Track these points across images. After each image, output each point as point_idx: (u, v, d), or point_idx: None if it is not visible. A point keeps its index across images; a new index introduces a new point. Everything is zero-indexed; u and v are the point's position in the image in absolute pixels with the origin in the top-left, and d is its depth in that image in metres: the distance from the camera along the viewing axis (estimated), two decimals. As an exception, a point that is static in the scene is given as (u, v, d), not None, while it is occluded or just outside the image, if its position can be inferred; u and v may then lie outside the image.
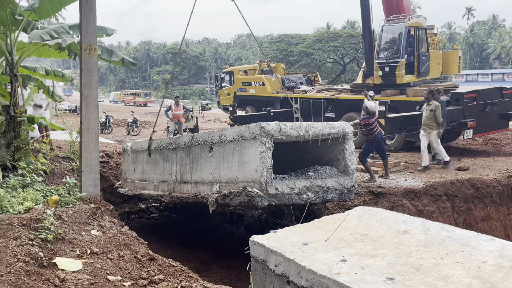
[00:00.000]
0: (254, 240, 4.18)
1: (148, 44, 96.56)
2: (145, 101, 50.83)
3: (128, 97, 54.40)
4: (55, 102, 9.73)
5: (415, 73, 13.81)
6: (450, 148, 12.97)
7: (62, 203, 5.86)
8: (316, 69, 44.48)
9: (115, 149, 11.66)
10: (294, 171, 6.92)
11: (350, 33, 47.23)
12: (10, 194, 5.61)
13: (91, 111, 6.70)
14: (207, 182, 6.95)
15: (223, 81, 21.78)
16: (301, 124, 6.44)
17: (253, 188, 5.94)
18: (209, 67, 79.66)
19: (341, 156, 6.98)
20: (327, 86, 18.25)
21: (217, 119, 32.55)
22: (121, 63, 7.96)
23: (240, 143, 6.24)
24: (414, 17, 14.19)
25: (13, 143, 6.92)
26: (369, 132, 9.21)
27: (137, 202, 11.21)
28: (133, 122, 23.82)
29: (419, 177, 9.37)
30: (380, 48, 14.07)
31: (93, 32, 6.49)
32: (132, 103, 51.83)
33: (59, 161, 8.50)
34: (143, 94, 50.69)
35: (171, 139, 8.27)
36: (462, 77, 37.72)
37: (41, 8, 6.55)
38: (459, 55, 15.13)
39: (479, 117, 11.60)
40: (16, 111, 6.97)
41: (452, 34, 74.63)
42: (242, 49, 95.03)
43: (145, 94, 51.02)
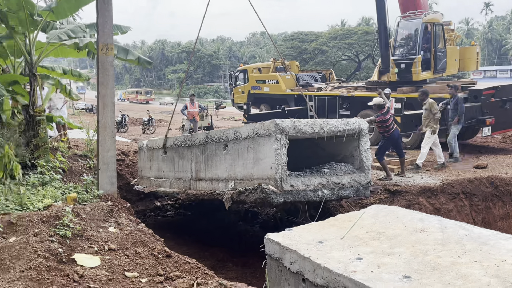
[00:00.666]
0: (269, 237, 4.19)
1: (163, 43, 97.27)
2: (146, 98, 53.56)
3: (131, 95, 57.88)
4: (73, 100, 9.88)
5: (431, 70, 13.62)
6: (468, 145, 12.77)
7: (80, 201, 5.97)
8: (330, 66, 44.19)
9: (131, 148, 11.80)
10: (309, 168, 6.90)
11: (365, 30, 46.78)
12: (30, 192, 5.73)
13: (107, 109, 6.80)
14: (222, 179, 6.98)
15: (237, 79, 21.80)
16: (316, 120, 6.42)
17: (268, 185, 5.95)
18: (223, 66, 79.87)
19: (357, 152, 6.94)
20: (342, 83, 18.12)
21: (231, 117, 32.62)
22: (137, 62, 8.05)
23: (255, 140, 6.25)
24: (430, 13, 13.98)
25: (33, 142, 7.06)
26: (385, 130, 9.12)
27: (153, 200, 11.32)
28: (149, 121, 24.03)
29: (435, 175, 9.25)
30: (395, 45, 13.91)
31: (109, 31, 6.57)
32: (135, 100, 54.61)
33: (76, 159, 8.64)
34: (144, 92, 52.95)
35: (186, 136, 8.33)
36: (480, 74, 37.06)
37: (59, 8, 6.66)
38: (477, 51, 14.87)
39: (498, 114, 11.39)
40: (35, 110, 7.11)
41: (470, 30, 73.35)
42: (256, 47, 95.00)
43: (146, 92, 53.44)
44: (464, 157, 10.99)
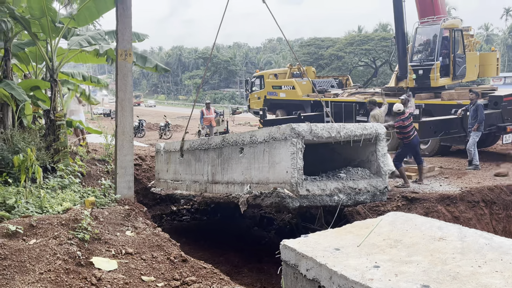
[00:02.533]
0: (285, 244, 4.18)
1: (180, 49, 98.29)
2: (135, 101, 61.99)
3: None
4: (92, 104, 10.05)
5: (450, 76, 13.44)
6: (488, 153, 12.53)
7: (98, 204, 6.05)
8: (347, 72, 43.98)
9: (148, 152, 11.92)
10: (325, 172, 6.87)
11: (382, 36, 46.47)
12: (50, 195, 5.84)
13: (126, 114, 6.89)
14: (238, 182, 7.00)
15: (253, 85, 21.88)
16: (333, 125, 6.38)
17: (284, 189, 5.94)
18: (239, 72, 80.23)
19: (374, 157, 6.89)
20: (359, 89, 18.01)
21: (247, 123, 32.71)
22: (155, 70, 8.16)
23: (270, 144, 6.25)
24: (449, 19, 13.83)
25: (53, 146, 7.20)
26: (404, 136, 9.02)
27: (169, 204, 11.40)
28: (165, 126, 24.27)
29: (454, 182, 9.10)
30: (414, 51, 13.78)
31: (129, 38, 6.68)
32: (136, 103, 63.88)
33: (94, 163, 8.77)
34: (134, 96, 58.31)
35: (202, 140, 8.40)
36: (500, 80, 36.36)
37: (80, 16, 6.81)
38: (497, 57, 14.62)
39: (519, 121, 11.17)
40: (55, 115, 7.25)
41: (490, 36, 72.18)
42: (272, 53, 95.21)
43: (135, 96, 61.57)
44: (484, 164, 10.79)
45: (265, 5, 8.27)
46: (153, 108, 63.10)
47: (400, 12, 13.68)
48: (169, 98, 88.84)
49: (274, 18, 8.37)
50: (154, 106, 67.90)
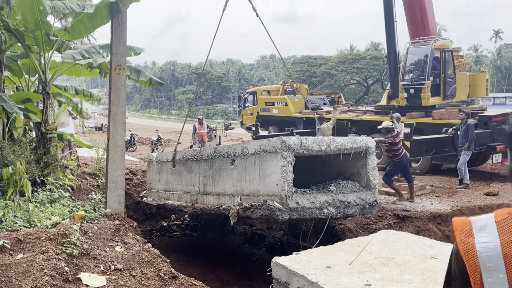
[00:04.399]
0: (277, 261, 4.14)
1: (173, 64, 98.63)
2: None
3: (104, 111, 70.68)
4: (83, 119, 9.99)
5: (441, 96, 13.61)
6: (478, 172, 12.64)
7: (88, 219, 5.97)
8: (339, 90, 44.39)
9: (139, 167, 11.84)
10: (316, 185, 6.90)
11: (374, 55, 47.10)
12: (39, 209, 5.75)
13: (118, 128, 6.87)
14: (229, 194, 7.00)
15: (246, 101, 21.96)
16: (323, 138, 6.46)
17: (274, 201, 5.96)
18: (232, 88, 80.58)
19: (363, 170, 6.96)
20: (351, 107, 18.16)
21: (239, 138, 32.73)
22: (149, 83, 8.16)
23: (261, 157, 6.28)
24: (440, 39, 14.08)
25: (43, 159, 7.13)
26: (395, 154, 9.08)
27: (159, 219, 11.28)
28: (157, 140, 24.17)
29: (445, 201, 9.14)
30: (405, 70, 13.97)
31: (123, 52, 6.70)
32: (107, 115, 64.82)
33: (85, 177, 8.68)
34: None
35: (195, 150, 8.43)
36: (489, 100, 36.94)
37: (74, 29, 6.82)
38: (486, 78, 14.88)
39: (509, 141, 11.30)
40: (47, 128, 7.19)
41: (479, 57, 73.53)
42: (265, 70, 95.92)
43: None
44: (475, 183, 10.87)
45: (259, 19, 8.36)
46: (145, 123, 63.07)
47: (392, 32, 13.91)
48: (161, 112, 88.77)
49: (268, 33, 8.47)
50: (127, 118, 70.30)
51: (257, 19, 8.36)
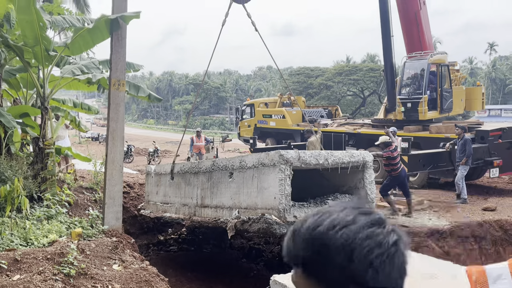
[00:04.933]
0: (275, 279, 4.11)
1: (170, 75, 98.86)
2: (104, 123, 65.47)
3: (97, 120, 71.85)
4: (81, 132, 9.97)
5: (438, 109, 13.69)
6: (475, 186, 12.66)
7: (85, 236, 5.91)
8: (336, 101, 44.60)
9: (137, 180, 11.77)
10: (314, 198, 6.92)
11: (370, 67, 47.42)
12: (35, 226, 5.69)
13: (116, 144, 6.84)
14: (227, 207, 7.00)
15: (244, 113, 22.02)
16: (321, 152, 6.50)
17: (271, 215, 5.98)
18: (229, 98, 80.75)
19: (361, 184, 6.99)
20: (348, 120, 18.22)
21: (236, 149, 32.72)
22: (147, 98, 8.16)
23: (259, 170, 6.30)
24: (436, 54, 14.20)
25: (40, 174, 7.08)
26: (393, 168, 9.08)
27: (156, 233, 11.19)
28: (154, 152, 24.08)
29: (444, 216, 9.13)
30: (402, 84, 14.06)
31: (122, 68, 6.71)
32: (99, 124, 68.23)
33: (82, 192, 8.62)
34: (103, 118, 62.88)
35: (193, 163, 8.43)
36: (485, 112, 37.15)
37: (74, 44, 6.83)
38: (482, 92, 15.00)
39: (506, 156, 11.34)
40: (45, 143, 7.15)
41: (474, 69, 74.16)
42: (262, 81, 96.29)
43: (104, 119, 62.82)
44: (472, 198, 10.88)
45: (258, 33, 8.41)
46: (142, 133, 62.99)
47: (389, 46, 14.03)
48: (158, 123, 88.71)
49: (266, 45, 8.52)
50: None
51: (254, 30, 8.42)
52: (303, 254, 0.87)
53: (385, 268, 0.82)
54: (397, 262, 0.85)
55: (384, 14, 13.79)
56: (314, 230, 0.86)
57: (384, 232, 0.85)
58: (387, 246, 0.83)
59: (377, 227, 0.85)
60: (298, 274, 0.89)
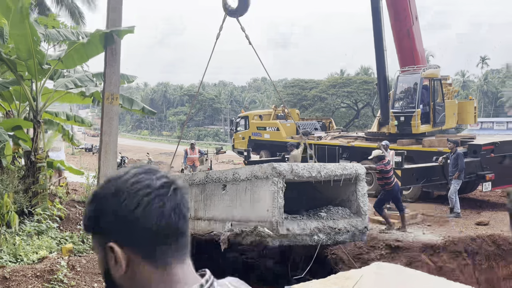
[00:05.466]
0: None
1: (165, 86, 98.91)
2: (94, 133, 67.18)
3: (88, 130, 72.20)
4: (74, 146, 9.92)
5: (431, 123, 13.78)
6: (468, 199, 12.70)
7: (76, 252, 5.84)
8: (330, 113, 44.77)
9: (130, 193, 11.69)
10: (307, 211, 6.91)
11: (364, 79, 47.78)
12: (25, 242, 5.62)
13: (109, 157, 6.80)
14: (220, 219, 6.98)
15: (238, 125, 22.03)
16: (313, 164, 6.52)
17: (264, 228, 5.97)
18: (224, 109, 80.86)
19: (354, 197, 7.00)
20: (342, 132, 18.28)
21: (230, 161, 32.67)
22: (142, 112, 8.15)
23: (252, 182, 6.31)
24: (428, 68, 14.34)
25: (31, 188, 7.00)
26: (386, 182, 9.09)
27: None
28: (148, 163, 24.02)
29: (437, 230, 9.13)
30: (395, 98, 14.15)
31: (116, 82, 6.70)
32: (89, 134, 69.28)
33: (74, 205, 8.54)
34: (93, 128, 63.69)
35: (186, 175, 8.41)
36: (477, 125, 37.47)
37: (68, 58, 6.82)
38: (474, 105, 15.13)
39: (498, 170, 11.41)
40: (37, 157, 7.10)
41: (466, 82, 74.97)
42: (257, 92, 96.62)
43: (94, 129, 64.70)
44: (465, 212, 10.91)
45: (251, 47, 8.46)
46: (136, 144, 62.81)
47: (382, 60, 14.16)
48: (152, 133, 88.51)
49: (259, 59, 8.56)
50: None
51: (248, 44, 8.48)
52: (88, 215, 0.92)
53: (154, 206, 0.88)
54: (170, 203, 0.91)
55: (378, 30, 13.95)
56: (95, 191, 0.92)
57: (153, 177, 0.91)
58: (154, 187, 0.89)
59: (148, 174, 0.92)
60: (92, 239, 0.95)
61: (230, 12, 7.75)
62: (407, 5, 13.67)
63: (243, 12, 7.86)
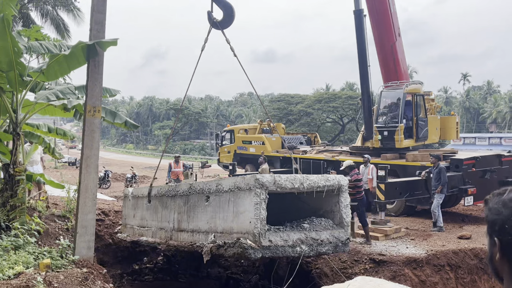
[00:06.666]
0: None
1: (151, 100, 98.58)
2: (71, 145, 69.56)
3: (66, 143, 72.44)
4: (56, 159, 9.75)
5: (414, 138, 13.96)
6: (451, 213, 12.82)
7: (54, 267, 5.69)
8: (315, 128, 45.09)
9: (112, 207, 11.51)
10: (290, 222, 6.91)
11: (349, 95, 48.37)
12: (1, 257, 5.46)
13: (90, 171, 6.70)
14: (203, 231, 6.93)
15: (223, 139, 22.02)
16: (296, 176, 6.52)
17: (247, 239, 5.94)
18: (210, 124, 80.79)
19: (337, 208, 7.04)
20: (327, 147, 18.39)
21: (216, 175, 32.50)
22: (124, 125, 8.07)
23: (235, 194, 6.29)
24: (411, 83, 14.59)
25: (9, 202, 6.84)
26: (358, 191, 9.31)
27: (131, 263, 10.88)
28: (132, 177, 23.74)
29: (420, 244, 9.17)
30: (379, 113, 14.33)
31: (98, 94, 6.64)
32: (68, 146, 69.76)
33: (54, 219, 8.35)
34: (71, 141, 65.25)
35: (170, 186, 8.35)
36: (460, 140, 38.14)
37: (50, 70, 6.75)
38: (456, 121, 15.40)
39: (479, 184, 11.57)
40: (15, 170, 6.95)
41: (449, 98, 76.48)
42: (243, 107, 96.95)
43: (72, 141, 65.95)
44: (448, 226, 11.00)
45: (236, 58, 8.44)
46: (121, 158, 62.08)
47: (366, 76, 14.36)
48: (138, 148, 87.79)
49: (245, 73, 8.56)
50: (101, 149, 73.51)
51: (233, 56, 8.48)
52: None
53: None
54: None
55: (361, 45, 14.17)
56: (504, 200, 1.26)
57: None
58: None
59: None
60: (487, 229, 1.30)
61: (215, 24, 7.78)
62: (390, 21, 13.95)
63: (227, 25, 7.90)
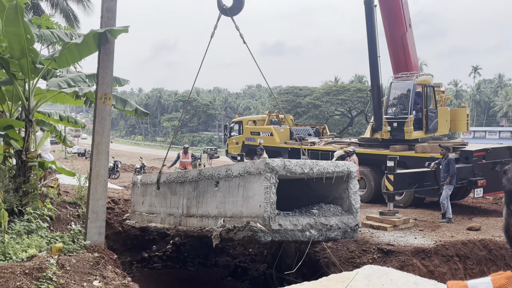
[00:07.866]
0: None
1: (160, 92, 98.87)
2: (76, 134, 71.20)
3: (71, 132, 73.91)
4: (67, 147, 9.85)
5: (423, 130, 13.87)
6: (460, 205, 12.76)
7: (66, 251, 5.79)
8: (323, 120, 44.94)
9: (122, 196, 11.62)
10: (300, 208, 6.94)
11: (358, 87, 48.08)
12: (15, 241, 5.56)
13: (101, 157, 6.77)
14: (213, 216, 6.98)
15: (232, 130, 22.03)
16: (306, 161, 6.56)
17: (257, 223, 5.98)
18: (218, 116, 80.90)
19: (346, 194, 7.06)
20: (335, 138, 18.34)
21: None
22: (134, 113, 8.12)
23: (245, 178, 6.32)
24: (421, 75, 14.47)
25: (22, 188, 6.94)
26: None
27: (140, 251, 11.00)
28: (141, 168, 23.95)
29: (429, 235, 9.15)
30: (388, 104, 14.24)
31: (109, 82, 6.69)
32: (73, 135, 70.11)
33: (65, 206, 8.47)
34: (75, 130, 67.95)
35: (179, 172, 8.42)
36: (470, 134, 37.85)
37: (61, 58, 6.80)
38: (467, 113, 15.25)
39: (489, 176, 11.48)
40: (28, 156, 7.05)
41: (459, 91, 75.65)
42: (251, 99, 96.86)
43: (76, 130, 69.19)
44: (457, 217, 10.95)
45: (246, 45, 8.38)
46: (130, 149, 62.34)
47: (376, 67, 14.26)
48: (146, 139, 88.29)
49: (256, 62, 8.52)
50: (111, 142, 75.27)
51: (244, 49, 8.45)
52: None
53: None
54: None
55: (371, 37, 14.06)
56: None
57: None
58: None
59: None
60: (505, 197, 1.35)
61: (224, 11, 7.76)
62: (401, 12, 13.81)
63: (237, 12, 7.87)
